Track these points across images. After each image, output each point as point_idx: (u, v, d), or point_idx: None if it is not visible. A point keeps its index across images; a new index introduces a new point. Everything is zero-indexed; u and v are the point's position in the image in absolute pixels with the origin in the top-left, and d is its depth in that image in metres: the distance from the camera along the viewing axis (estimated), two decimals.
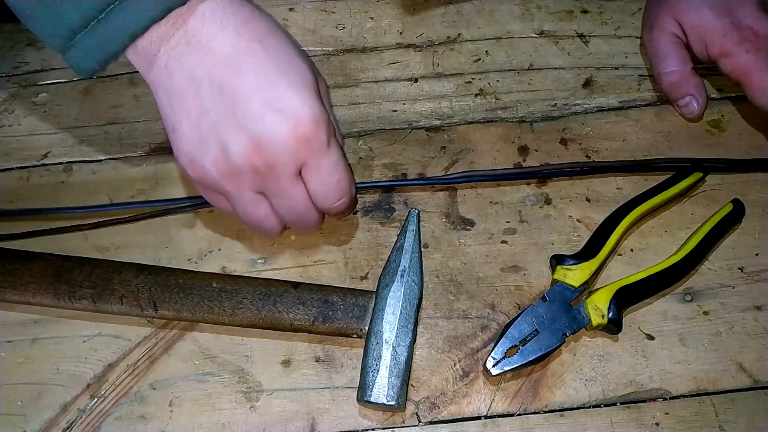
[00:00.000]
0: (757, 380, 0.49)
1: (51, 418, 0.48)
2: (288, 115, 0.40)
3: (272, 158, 0.41)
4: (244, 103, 0.40)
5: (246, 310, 0.49)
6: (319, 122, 0.41)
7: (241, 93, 0.40)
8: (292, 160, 0.41)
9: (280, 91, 0.40)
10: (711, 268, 0.53)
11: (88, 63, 0.41)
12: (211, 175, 0.42)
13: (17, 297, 0.49)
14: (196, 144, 0.42)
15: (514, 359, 0.47)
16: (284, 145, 0.41)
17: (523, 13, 0.65)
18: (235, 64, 0.40)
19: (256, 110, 0.40)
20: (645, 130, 0.59)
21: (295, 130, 0.40)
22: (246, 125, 0.40)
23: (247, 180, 0.42)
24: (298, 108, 0.40)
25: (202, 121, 0.41)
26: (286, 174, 0.42)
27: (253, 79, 0.40)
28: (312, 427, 0.48)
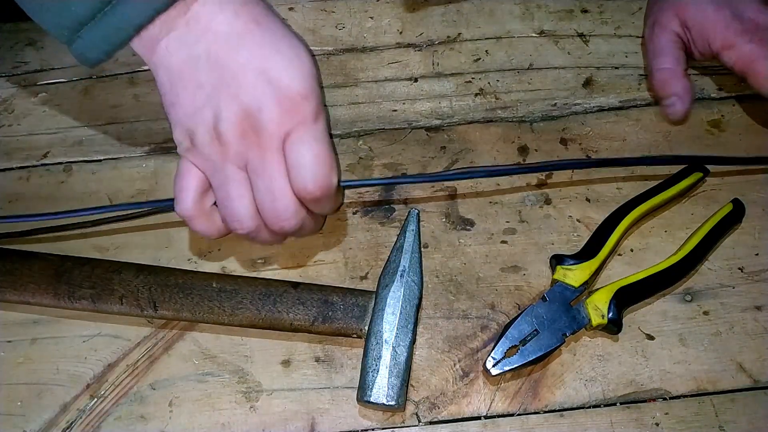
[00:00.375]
0: (757, 380, 0.49)
1: (51, 419, 0.48)
2: (278, 86, 0.41)
3: (259, 126, 0.41)
4: (238, 75, 0.41)
5: (246, 310, 0.49)
6: (308, 96, 0.42)
7: (236, 66, 0.41)
8: (278, 130, 0.42)
9: (273, 64, 0.42)
10: (711, 268, 0.53)
11: (94, 54, 0.42)
12: (202, 142, 0.43)
13: (17, 297, 0.49)
14: (191, 114, 0.43)
15: (514, 359, 0.47)
16: (271, 113, 0.41)
17: (523, 12, 0.65)
18: (232, 41, 0.42)
19: (248, 81, 0.41)
20: (645, 130, 0.59)
21: (283, 99, 0.41)
22: (238, 95, 0.41)
23: (233, 150, 0.42)
24: (289, 81, 0.41)
25: (198, 93, 0.42)
26: (271, 146, 0.42)
27: (248, 53, 0.42)
28: (312, 427, 0.48)
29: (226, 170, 0.43)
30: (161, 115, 0.60)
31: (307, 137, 0.42)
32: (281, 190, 0.43)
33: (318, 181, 0.43)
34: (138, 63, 0.62)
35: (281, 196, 0.43)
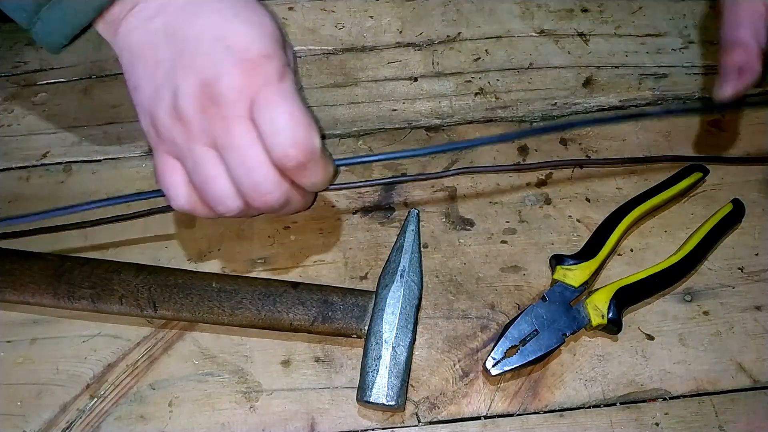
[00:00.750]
0: (757, 380, 0.49)
1: (50, 419, 0.48)
2: (237, 50, 0.39)
3: (219, 96, 0.39)
4: (194, 42, 0.39)
5: (245, 310, 0.49)
6: (270, 56, 0.39)
7: (192, 34, 0.39)
8: (240, 96, 0.39)
9: (231, 28, 0.39)
10: (711, 268, 0.53)
11: (55, 37, 0.40)
12: (164, 125, 0.40)
13: (17, 297, 0.49)
14: (152, 96, 0.40)
15: (514, 359, 0.47)
16: (231, 79, 0.38)
17: (523, 11, 0.65)
18: (190, 10, 0.40)
19: (204, 48, 0.39)
20: (645, 130, 0.59)
21: (242, 62, 0.39)
22: (194, 64, 0.39)
23: (197, 127, 0.39)
24: (249, 42, 0.39)
25: (156, 71, 0.40)
26: (235, 115, 0.39)
27: (204, 21, 0.39)
28: (311, 427, 0.48)
29: (195, 152, 0.40)
30: None
31: (275, 98, 0.39)
32: (255, 159, 0.40)
33: (298, 142, 0.39)
34: None
35: (256, 166, 0.40)
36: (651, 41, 0.63)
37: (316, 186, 0.44)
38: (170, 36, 0.39)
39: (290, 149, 0.39)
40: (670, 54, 0.62)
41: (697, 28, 0.64)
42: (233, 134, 0.39)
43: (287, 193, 0.42)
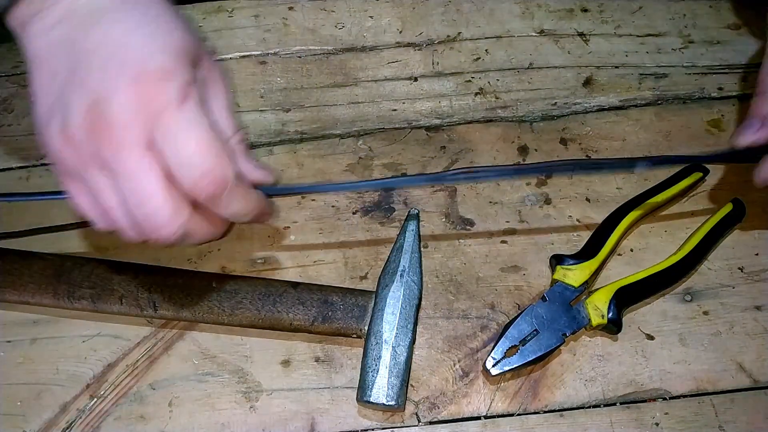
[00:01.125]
0: (757, 380, 0.49)
1: (50, 419, 0.48)
2: (132, 67, 0.35)
3: (108, 118, 0.35)
4: (89, 56, 0.35)
5: (245, 310, 0.49)
6: (169, 74, 0.35)
7: (89, 47, 0.35)
8: (133, 119, 0.35)
9: (130, 41, 0.35)
10: (711, 268, 0.53)
11: None
12: (55, 147, 0.36)
13: (16, 297, 0.49)
14: (46, 112, 0.37)
15: (514, 359, 0.47)
16: (123, 100, 0.34)
17: (523, 11, 0.65)
18: (92, 20, 0.36)
19: (98, 63, 0.35)
20: (645, 130, 0.59)
21: (136, 81, 0.34)
22: (86, 81, 0.35)
23: (87, 151, 0.36)
24: (146, 58, 0.35)
25: (52, 85, 0.36)
26: (128, 141, 0.35)
27: (102, 33, 0.35)
28: (311, 427, 0.48)
29: (89, 177, 0.37)
30: None
31: (178, 125, 0.35)
32: (146, 191, 0.36)
33: (207, 172, 0.36)
34: None
35: (148, 198, 0.36)
36: (651, 41, 0.63)
37: (237, 216, 0.40)
38: (68, 48, 0.36)
39: (200, 181, 0.36)
40: (670, 54, 0.62)
41: (697, 28, 0.63)
42: (124, 161, 0.35)
43: (185, 226, 0.38)
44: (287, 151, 0.58)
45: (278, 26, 0.64)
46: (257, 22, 0.64)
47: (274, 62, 0.62)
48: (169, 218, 0.37)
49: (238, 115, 0.59)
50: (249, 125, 0.59)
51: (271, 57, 0.62)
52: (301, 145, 0.58)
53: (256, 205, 0.42)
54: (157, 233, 0.37)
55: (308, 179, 0.57)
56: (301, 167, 0.57)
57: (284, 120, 0.59)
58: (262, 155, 0.58)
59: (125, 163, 0.35)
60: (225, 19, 0.64)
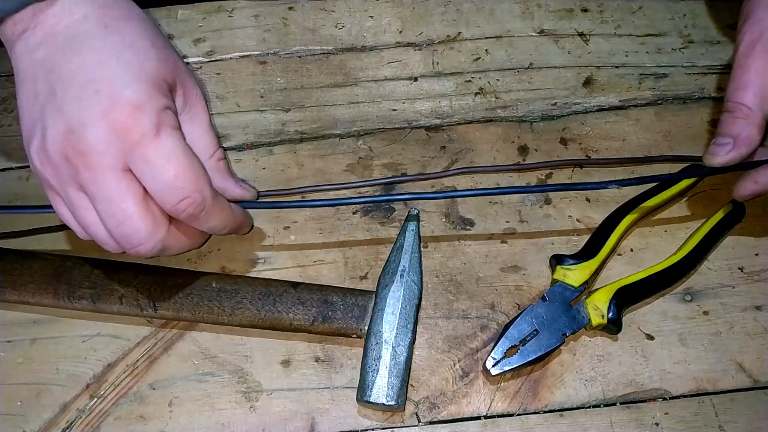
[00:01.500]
0: (757, 380, 0.49)
1: (50, 419, 0.48)
2: (107, 97, 0.36)
3: (84, 146, 0.36)
4: (66, 82, 0.37)
5: (245, 310, 0.49)
6: (143, 106, 0.36)
7: (67, 72, 0.37)
8: (108, 148, 0.36)
9: (106, 71, 0.37)
10: (711, 268, 0.53)
11: None
12: (36, 163, 0.38)
13: (16, 297, 0.49)
14: (28, 128, 0.38)
15: (514, 359, 0.47)
16: (97, 130, 0.36)
17: (523, 11, 0.65)
18: (72, 45, 0.37)
19: (73, 92, 0.36)
20: (645, 130, 0.59)
21: (110, 112, 0.36)
22: (63, 108, 0.36)
23: (65, 173, 0.37)
24: (121, 89, 0.36)
25: (34, 104, 0.38)
26: (104, 166, 0.37)
27: (80, 60, 0.37)
28: (311, 427, 0.48)
29: (69, 194, 0.38)
30: None
31: (153, 156, 0.37)
32: (123, 214, 0.37)
33: (185, 198, 0.38)
34: None
35: (125, 220, 0.38)
36: (651, 41, 0.63)
37: (215, 231, 0.42)
38: (49, 71, 0.37)
39: (178, 206, 0.38)
40: (670, 54, 0.62)
41: (697, 27, 0.63)
42: (100, 186, 0.37)
43: (163, 242, 0.40)
44: (287, 151, 0.58)
45: (278, 26, 0.64)
46: (257, 22, 0.64)
47: (274, 62, 0.62)
48: (147, 236, 0.39)
49: (238, 115, 0.60)
50: (249, 125, 0.59)
51: (271, 57, 0.62)
52: (301, 145, 0.58)
53: (234, 220, 0.44)
54: (135, 249, 0.39)
55: (308, 179, 0.57)
56: (301, 167, 0.57)
57: (284, 120, 0.59)
58: (262, 155, 0.58)
59: (102, 186, 0.37)
60: (225, 19, 0.64)
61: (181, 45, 0.62)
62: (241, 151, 0.58)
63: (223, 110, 0.60)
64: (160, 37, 0.41)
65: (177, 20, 0.64)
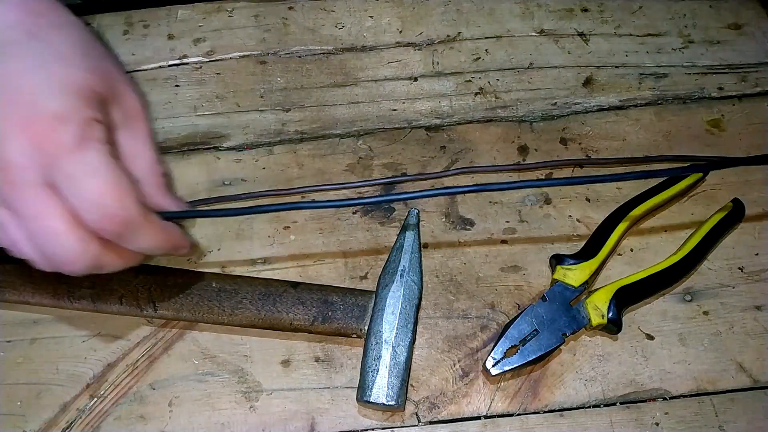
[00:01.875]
0: (757, 380, 0.49)
1: (50, 418, 0.48)
2: (23, 109, 0.34)
3: (3, 160, 0.34)
4: None
5: (245, 310, 0.49)
6: (65, 119, 0.35)
7: None
8: (29, 163, 0.35)
9: (28, 80, 0.35)
10: (711, 267, 0.53)
11: None
12: None
13: (16, 297, 0.49)
14: None
15: (514, 359, 0.47)
16: (16, 143, 0.34)
17: (523, 11, 0.65)
18: (3, 52, 0.36)
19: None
20: (645, 130, 0.59)
21: (30, 125, 0.34)
22: None
23: None
24: (43, 100, 0.34)
25: None
26: (25, 182, 0.35)
27: (6, 68, 0.35)
28: (311, 426, 0.48)
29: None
30: (159, 114, 0.60)
31: (75, 168, 0.35)
32: (49, 231, 0.35)
33: (109, 214, 0.36)
34: (136, 62, 0.62)
35: (53, 237, 0.36)
36: (651, 41, 0.63)
37: (147, 250, 0.40)
38: None
39: (102, 221, 0.36)
40: (670, 54, 0.62)
41: (697, 27, 0.64)
42: (23, 202, 0.35)
43: (96, 260, 0.38)
44: (287, 151, 0.58)
45: (278, 26, 0.64)
46: (257, 22, 0.64)
47: (273, 62, 0.62)
48: (76, 254, 0.36)
49: (238, 115, 0.60)
50: (249, 125, 0.59)
51: (271, 57, 0.62)
52: (301, 144, 0.58)
53: (167, 240, 0.41)
54: (66, 267, 0.37)
55: (308, 179, 0.57)
56: (301, 167, 0.57)
57: (284, 120, 0.59)
58: (262, 155, 0.58)
59: (26, 203, 0.35)
60: (225, 18, 0.64)
61: (181, 45, 0.62)
62: (241, 151, 0.58)
63: (223, 110, 0.60)
64: (95, 47, 0.39)
65: (177, 20, 0.64)
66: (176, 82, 0.61)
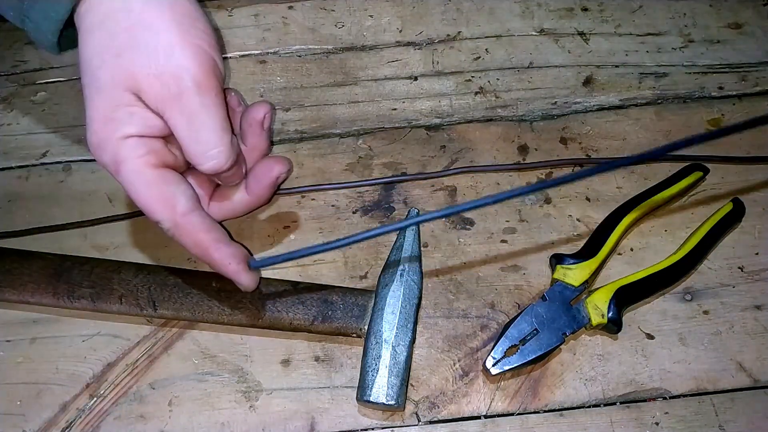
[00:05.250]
0: (756, 380, 0.49)
1: (50, 418, 0.48)
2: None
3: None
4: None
5: (245, 309, 0.49)
6: (100, 148, 0.42)
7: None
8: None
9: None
10: (711, 267, 0.53)
11: (45, 35, 0.40)
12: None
13: (16, 296, 0.49)
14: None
15: (514, 359, 0.47)
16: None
17: (523, 10, 0.65)
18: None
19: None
20: (645, 129, 0.59)
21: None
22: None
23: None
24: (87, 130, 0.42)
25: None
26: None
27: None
28: (311, 426, 0.48)
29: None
30: None
31: (122, 184, 0.43)
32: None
33: (156, 222, 0.45)
34: None
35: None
36: (651, 40, 0.63)
37: (190, 251, 0.47)
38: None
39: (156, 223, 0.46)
40: (670, 53, 0.62)
41: (697, 27, 0.63)
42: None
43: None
44: (287, 151, 0.58)
45: (278, 25, 0.64)
46: (257, 21, 0.64)
47: (273, 61, 0.62)
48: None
49: None
50: None
51: (270, 56, 0.62)
52: (301, 144, 0.58)
53: (204, 250, 0.46)
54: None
55: (308, 179, 0.57)
56: (301, 167, 0.57)
57: (284, 119, 0.59)
58: None
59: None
60: (225, 18, 0.64)
61: None
62: None
63: None
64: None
65: None
66: None
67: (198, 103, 0.41)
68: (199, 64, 0.40)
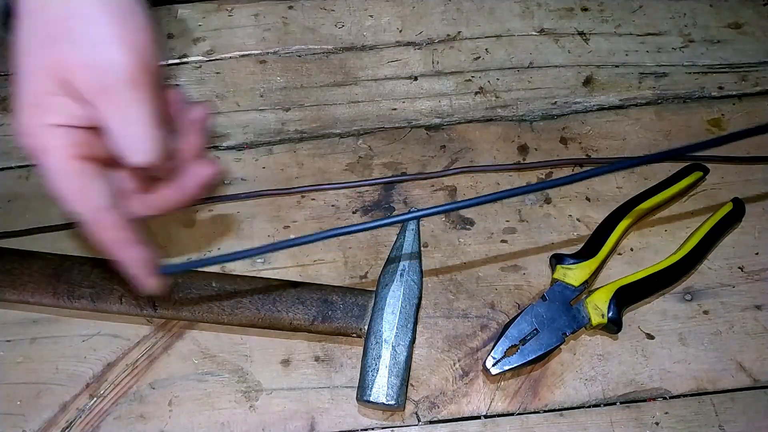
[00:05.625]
0: (756, 380, 0.49)
1: (50, 418, 0.48)
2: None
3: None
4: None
5: (245, 309, 0.49)
6: (25, 136, 0.40)
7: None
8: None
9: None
10: (711, 267, 0.53)
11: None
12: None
13: (16, 296, 0.49)
14: None
15: (514, 358, 0.47)
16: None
17: (523, 10, 0.65)
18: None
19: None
20: (645, 129, 0.59)
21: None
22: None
23: None
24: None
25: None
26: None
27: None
28: (311, 426, 0.48)
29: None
30: None
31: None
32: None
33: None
34: None
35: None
36: (651, 40, 0.63)
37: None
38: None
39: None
40: (670, 53, 0.62)
41: (697, 27, 0.63)
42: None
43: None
44: (287, 151, 0.58)
45: (278, 25, 0.64)
46: (257, 21, 0.64)
47: (273, 61, 0.62)
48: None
49: (238, 115, 0.60)
50: (249, 124, 0.59)
51: (270, 56, 0.62)
52: (301, 144, 0.58)
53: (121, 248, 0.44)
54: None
55: (308, 178, 0.57)
56: (301, 166, 0.57)
57: (284, 119, 0.59)
58: (261, 154, 0.58)
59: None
60: (225, 18, 0.64)
61: (181, 44, 0.62)
62: (240, 151, 0.58)
63: (223, 109, 0.60)
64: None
65: (177, 19, 0.63)
66: (176, 81, 0.61)
67: (129, 97, 0.40)
68: (133, 58, 0.40)
